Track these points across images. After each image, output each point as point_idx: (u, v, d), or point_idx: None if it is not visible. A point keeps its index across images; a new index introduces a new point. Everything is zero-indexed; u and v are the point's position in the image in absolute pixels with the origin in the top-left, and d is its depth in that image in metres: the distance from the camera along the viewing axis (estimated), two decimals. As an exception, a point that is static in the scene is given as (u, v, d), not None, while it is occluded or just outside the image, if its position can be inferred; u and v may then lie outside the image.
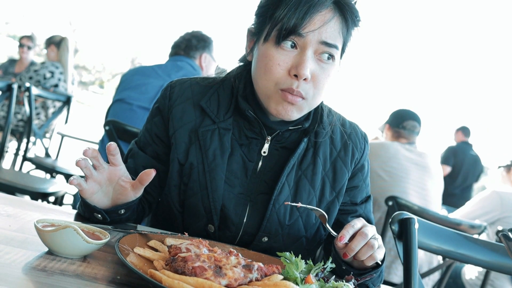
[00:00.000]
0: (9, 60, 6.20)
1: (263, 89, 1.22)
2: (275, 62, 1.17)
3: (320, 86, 1.20)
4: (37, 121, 4.77)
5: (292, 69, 1.16)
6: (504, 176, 4.11)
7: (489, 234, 3.37)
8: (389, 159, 3.03)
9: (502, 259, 1.43)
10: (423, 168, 3.07)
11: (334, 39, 1.18)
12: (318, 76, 1.19)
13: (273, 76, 1.18)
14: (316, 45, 1.17)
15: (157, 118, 1.34)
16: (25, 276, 0.77)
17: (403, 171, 3.00)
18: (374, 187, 2.95)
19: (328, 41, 1.17)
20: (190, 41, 2.93)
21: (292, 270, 0.93)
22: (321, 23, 1.16)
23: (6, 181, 2.89)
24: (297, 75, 1.16)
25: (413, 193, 2.97)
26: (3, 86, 3.07)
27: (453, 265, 2.57)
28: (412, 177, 3.01)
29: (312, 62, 1.17)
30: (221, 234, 1.28)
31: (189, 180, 1.27)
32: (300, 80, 1.16)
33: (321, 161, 1.32)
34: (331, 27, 1.17)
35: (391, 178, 2.98)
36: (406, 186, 2.97)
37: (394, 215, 1.37)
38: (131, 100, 2.69)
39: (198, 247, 0.95)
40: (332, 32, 1.17)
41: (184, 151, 1.28)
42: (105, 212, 1.14)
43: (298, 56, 1.17)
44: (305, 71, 1.15)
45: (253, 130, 1.30)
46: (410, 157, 3.09)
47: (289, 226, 1.29)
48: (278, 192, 1.26)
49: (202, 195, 1.26)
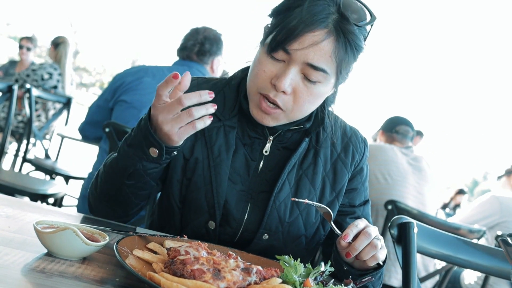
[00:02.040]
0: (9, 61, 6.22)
1: (249, 89, 1.25)
2: (262, 68, 1.19)
3: (301, 102, 1.20)
4: (37, 123, 4.77)
5: (274, 79, 1.18)
6: (504, 181, 4.11)
7: (488, 239, 3.37)
8: (387, 162, 3.04)
9: (501, 264, 1.43)
10: (420, 172, 3.09)
11: (323, 63, 1.15)
12: (300, 93, 1.19)
13: (256, 80, 1.21)
14: (301, 65, 1.16)
15: None
16: (24, 277, 0.77)
17: (400, 175, 3.01)
18: (370, 189, 2.95)
19: (313, 64, 1.15)
20: (204, 45, 2.81)
21: (290, 274, 0.93)
22: (309, 43, 1.13)
23: (5, 182, 2.89)
24: (276, 86, 1.17)
25: (410, 197, 2.98)
26: (4, 87, 3.07)
27: (452, 269, 2.57)
28: (409, 181, 3.02)
29: (295, 77, 1.17)
30: (222, 230, 1.28)
31: (193, 175, 1.29)
32: (279, 92, 1.17)
33: (322, 161, 1.34)
34: (320, 49, 1.14)
35: (389, 181, 2.98)
36: (404, 190, 2.98)
37: (393, 219, 1.37)
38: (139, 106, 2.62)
39: (197, 250, 0.95)
40: (320, 55, 1.14)
41: (189, 146, 1.30)
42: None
43: (283, 68, 1.17)
44: (283, 84, 1.15)
45: (255, 130, 1.32)
46: (407, 161, 3.11)
47: (289, 224, 1.30)
48: (279, 189, 1.28)
49: (206, 190, 1.27)
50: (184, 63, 2.80)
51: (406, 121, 3.35)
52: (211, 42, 2.84)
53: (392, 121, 3.37)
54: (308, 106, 1.23)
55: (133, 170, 1.16)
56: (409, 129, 3.30)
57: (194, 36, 2.84)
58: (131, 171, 1.17)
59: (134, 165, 1.16)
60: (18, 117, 4.77)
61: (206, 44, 2.81)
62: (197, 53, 2.80)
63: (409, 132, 3.29)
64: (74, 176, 3.90)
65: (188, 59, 2.80)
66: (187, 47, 2.82)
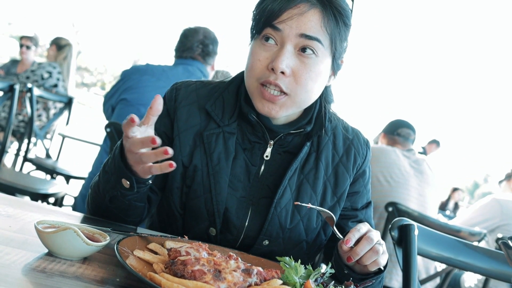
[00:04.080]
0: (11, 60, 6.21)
1: (248, 86, 1.24)
2: (256, 58, 1.19)
3: (303, 81, 1.19)
4: (38, 122, 4.77)
5: (270, 63, 1.18)
6: (505, 186, 4.11)
7: (488, 242, 3.36)
8: (389, 165, 3.04)
9: (502, 267, 1.43)
10: (421, 175, 3.10)
11: (315, 32, 1.16)
12: (299, 71, 1.18)
13: (254, 72, 1.20)
14: (295, 39, 1.16)
15: (167, 119, 1.34)
16: (25, 277, 0.77)
17: (403, 178, 3.01)
18: (373, 192, 2.96)
19: (307, 33, 1.16)
20: (208, 46, 2.83)
21: (291, 275, 0.93)
22: (297, 14, 1.15)
23: (6, 181, 2.89)
24: (273, 68, 1.16)
25: (412, 200, 2.98)
26: (5, 86, 3.07)
27: (452, 272, 2.56)
28: (411, 184, 3.02)
29: (291, 56, 1.17)
30: (223, 237, 1.28)
31: (192, 182, 1.27)
32: (278, 73, 1.17)
33: (323, 165, 1.33)
34: (308, 19, 1.16)
35: (391, 184, 2.98)
36: (406, 192, 2.98)
37: (394, 221, 1.37)
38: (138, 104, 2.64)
39: (198, 251, 0.95)
40: (311, 25, 1.16)
41: (188, 153, 1.29)
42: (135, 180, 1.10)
43: (277, 51, 1.17)
44: (280, 64, 1.15)
45: (256, 135, 1.30)
46: (409, 163, 3.11)
47: (290, 230, 1.29)
48: (280, 195, 1.27)
49: (205, 198, 1.26)
50: (185, 61, 2.80)
51: (408, 124, 3.35)
52: (213, 42, 2.86)
53: (394, 124, 3.38)
54: (311, 85, 1.21)
55: (113, 195, 1.16)
56: (411, 132, 3.31)
57: (194, 36, 2.85)
58: (112, 196, 1.16)
59: (112, 191, 1.15)
60: (19, 116, 4.77)
61: (210, 45, 2.83)
62: (202, 54, 2.81)
63: (410, 135, 3.30)
64: (74, 176, 3.90)
65: (191, 59, 2.81)
66: (191, 47, 2.82)
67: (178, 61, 2.85)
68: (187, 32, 2.89)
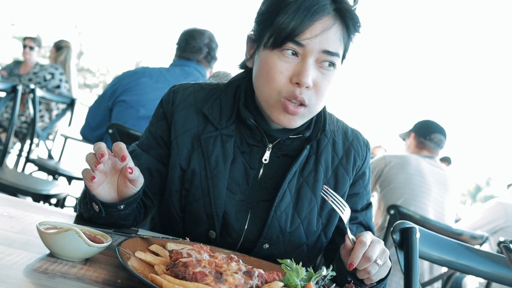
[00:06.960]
0: (14, 61, 6.22)
1: (266, 97, 1.21)
2: (277, 70, 1.17)
3: (322, 93, 1.20)
4: (40, 123, 4.78)
5: (294, 77, 1.16)
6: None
7: (491, 245, 3.36)
8: (413, 175, 2.98)
9: (504, 270, 1.43)
10: (442, 184, 3.04)
11: (336, 47, 1.17)
12: (320, 83, 1.18)
13: (275, 85, 1.18)
14: (318, 54, 1.16)
15: (163, 122, 1.34)
16: (26, 278, 0.77)
17: (425, 187, 2.96)
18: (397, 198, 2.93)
19: (330, 50, 1.16)
20: (214, 50, 2.83)
21: (292, 277, 0.93)
22: (321, 30, 1.15)
23: (8, 182, 2.90)
24: (299, 83, 1.16)
25: (431, 211, 2.95)
26: (8, 87, 3.08)
27: (454, 275, 2.56)
28: (433, 194, 2.97)
29: (313, 70, 1.17)
30: (222, 240, 1.27)
31: (191, 186, 1.27)
32: (303, 88, 1.16)
33: (323, 168, 1.32)
34: (332, 35, 1.16)
35: (415, 191, 2.95)
36: (425, 202, 2.94)
37: (395, 224, 1.37)
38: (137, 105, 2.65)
39: (199, 253, 0.95)
40: (333, 40, 1.16)
41: (186, 157, 1.28)
42: (103, 205, 1.12)
43: (300, 64, 1.16)
44: (306, 79, 1.15)
45: (254, 138, 1.30)
46: (431, 172, 3.04)
47: (290, 233, 1.28)
48: (280, 199, 1.26)
49: (204, 202, 1.26)
50: (182, 62, 2.80)
51: (441, 129, 3.19)
52: (216, 47, 2.87)
53: (427, 126, 3.21)
54: (327, 95, 1.22)
55: (94, 213, 1.15)
56: (443, 139, 3.16)
57: (201, 38, 2.84)
58: (93, 214, 1.16)
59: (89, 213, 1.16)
60: (22, 117, 4.79)
61: (215, 49, 2.84)
62: (207, 57, 2.82)
63: (442, 141, 3.15)
64: (77, 177, 3.91)
65: (194, 61, 2.81)
66: (199, 49, 2.81)
67: (175, 62, 2.86)
68: (193, 33, 2.87)
